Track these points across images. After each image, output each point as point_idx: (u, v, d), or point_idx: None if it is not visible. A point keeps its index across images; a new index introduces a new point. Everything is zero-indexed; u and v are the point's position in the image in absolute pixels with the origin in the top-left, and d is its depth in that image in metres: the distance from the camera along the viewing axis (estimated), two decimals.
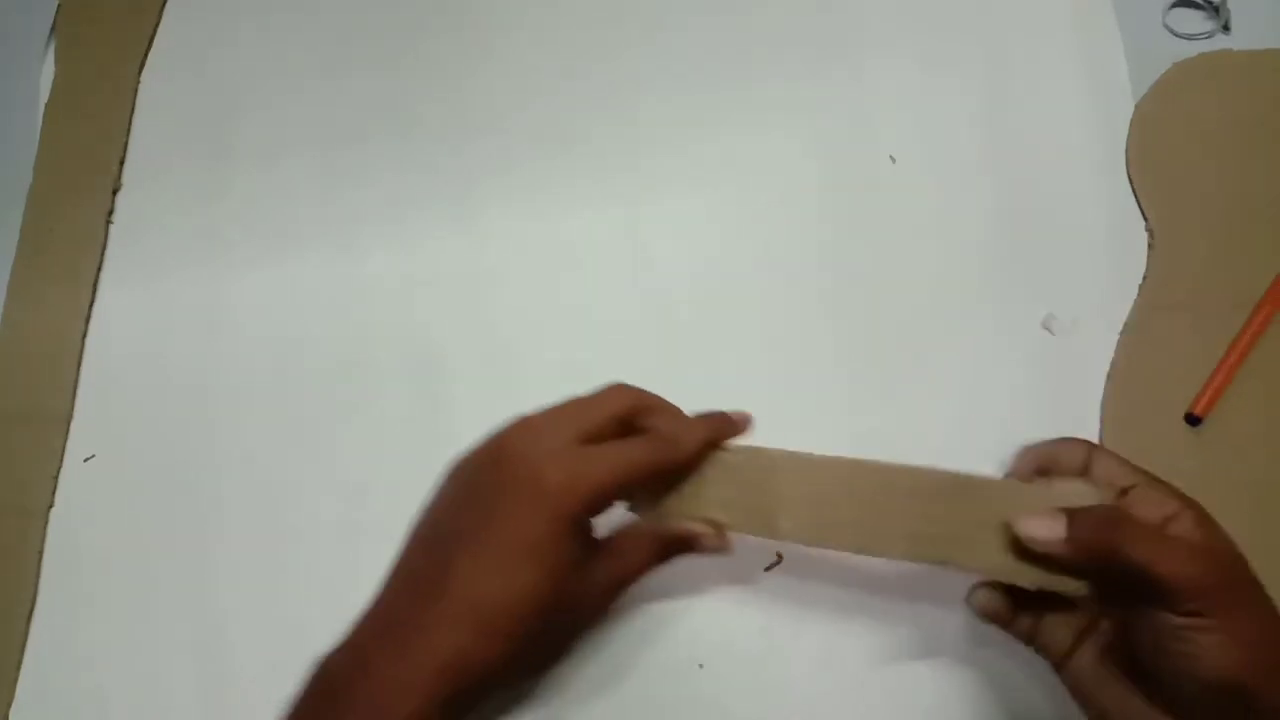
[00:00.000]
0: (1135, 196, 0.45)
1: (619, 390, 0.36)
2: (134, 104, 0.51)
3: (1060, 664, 0.34)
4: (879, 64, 0.48)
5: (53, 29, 0.53)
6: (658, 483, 0.36)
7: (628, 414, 0.35)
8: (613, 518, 0.35)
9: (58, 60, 0.52)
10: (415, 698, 0.31)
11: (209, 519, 0.44)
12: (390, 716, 0.30)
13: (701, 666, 0.40)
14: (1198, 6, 0.47)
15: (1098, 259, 0.44)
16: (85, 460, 0.46)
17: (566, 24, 0.50)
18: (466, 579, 0.32)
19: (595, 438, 0.34)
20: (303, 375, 0.46)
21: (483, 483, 0.34)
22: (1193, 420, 0.41)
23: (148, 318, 0.48)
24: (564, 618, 0.34)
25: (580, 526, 0.33)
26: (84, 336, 0.48)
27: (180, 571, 0.44)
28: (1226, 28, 0.46)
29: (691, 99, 0.48)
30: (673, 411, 0.36)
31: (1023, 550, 0.33)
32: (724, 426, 0.37)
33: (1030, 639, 0.35)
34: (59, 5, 0.53)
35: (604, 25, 0.50)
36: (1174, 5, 0.47)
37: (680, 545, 0.36)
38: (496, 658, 0.31)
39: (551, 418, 0.34)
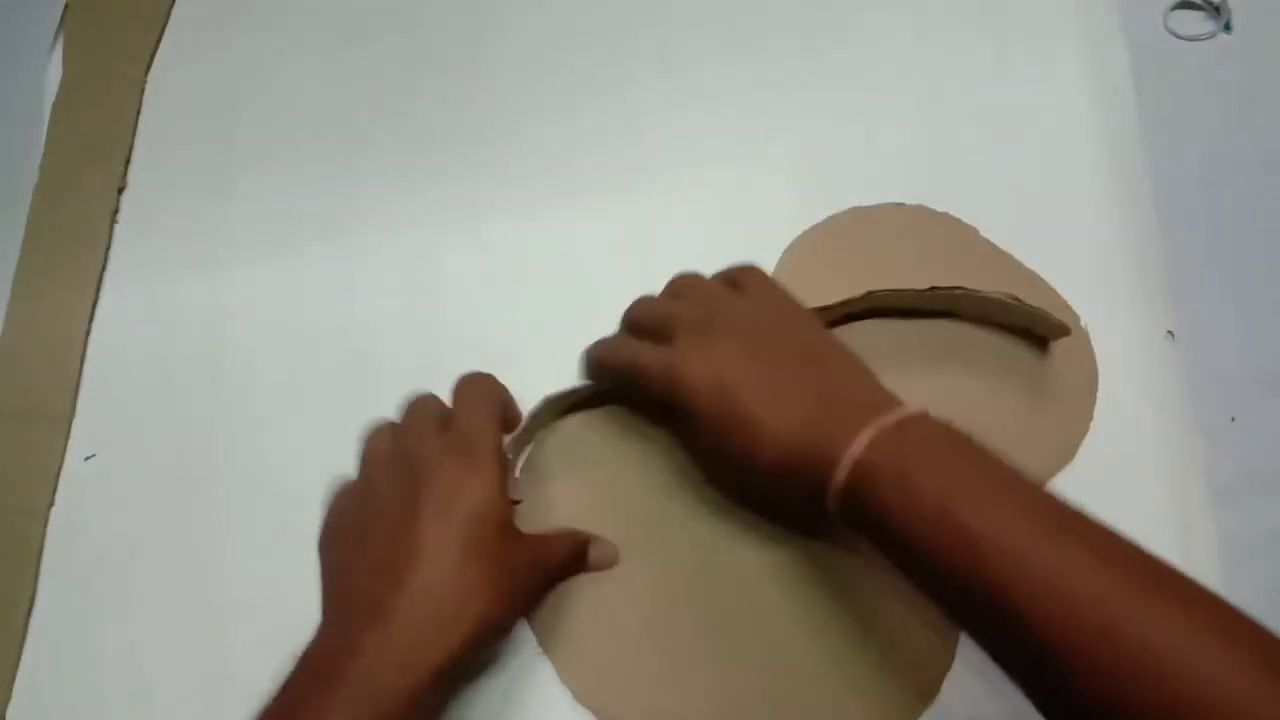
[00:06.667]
0: None
1: (430, 399, 0.40)
2: (140, 103, 0.51)
3: None
4: (882, 71, 0.48)
5: (59, 27, 0.53)
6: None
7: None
8: None
9: (65, 59, 0.52)
10: (412, 673, 0.32)
11: (210, 519, 0.44)
12: (389, 691, 0.32)
13: None
14: (1198, 7, 0.47)
15: (1097, 262, 0.44)
16: (86, 459, 0.45)
17: (573, 30, 0.51)
18: (423, 575, 0.34)
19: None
20: (306, 376, 0.46)
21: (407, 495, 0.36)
22: None
23: (151, 317, 0.48)
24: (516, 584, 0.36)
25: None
26: (87, 335, 0.47)
27: (181, 571, 0.43)
28: (1228, 27, 0.46)
29: (695, 106, 0.49)
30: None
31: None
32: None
33: None
34: (66, 3, 0.53)
35: (610, 34, 0.50)
36: (1175, 7, 0.47)
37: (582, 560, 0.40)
38: (469, 638, 0.33)
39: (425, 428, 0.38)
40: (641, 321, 0.40)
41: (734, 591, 0.39)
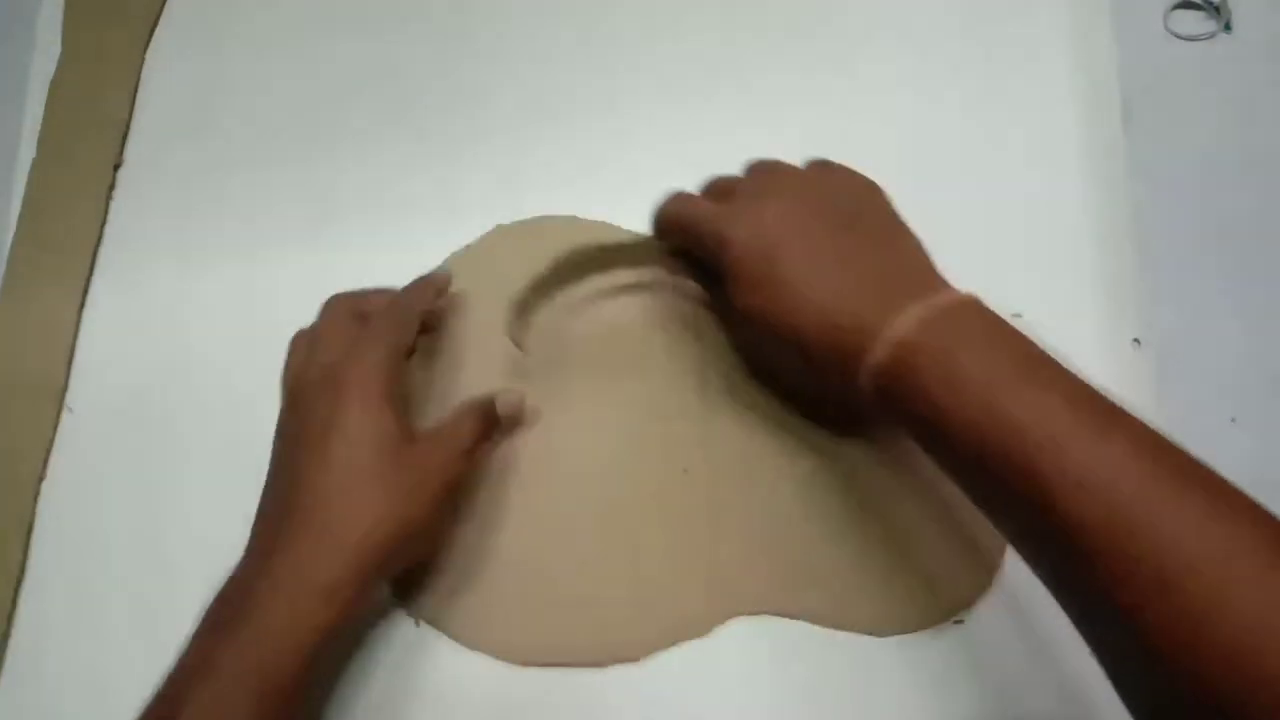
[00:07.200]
0: None
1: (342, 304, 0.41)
2: (137, 83, 0.51)
3: None
4: (874, 66, 0.48)
5: (64, 9, 0.53)
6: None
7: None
8: None
9: (64, 39, 0.52)
10: (335, 568, 0.33)
11: (205, 512, 0.43)
12: (311, 585, 0.33)
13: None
14: (1198, 7, 0.47)
15: (1096, 262, 0.44)
16: (76, 447, 0.45)
17: (567, 27, 0.51)
18: (325, 487, 0.34)
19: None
20: None
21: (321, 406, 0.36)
22: None
23: (143, 304, 0.47)
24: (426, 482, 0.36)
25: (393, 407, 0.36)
26: (77, 325, 0.47)
27: (177, 568, 0.42)
28: (1228, 27, 0.46)
29: (685, 94, 0.49)
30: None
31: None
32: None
33: None
34: None
35: (607, 32, 0.50)
36: (1175, 7, 0.47)
37: (491, 420, 0.39)
38: (386, 535, 0.34)
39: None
40: (711, 184, 0.39)
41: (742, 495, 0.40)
